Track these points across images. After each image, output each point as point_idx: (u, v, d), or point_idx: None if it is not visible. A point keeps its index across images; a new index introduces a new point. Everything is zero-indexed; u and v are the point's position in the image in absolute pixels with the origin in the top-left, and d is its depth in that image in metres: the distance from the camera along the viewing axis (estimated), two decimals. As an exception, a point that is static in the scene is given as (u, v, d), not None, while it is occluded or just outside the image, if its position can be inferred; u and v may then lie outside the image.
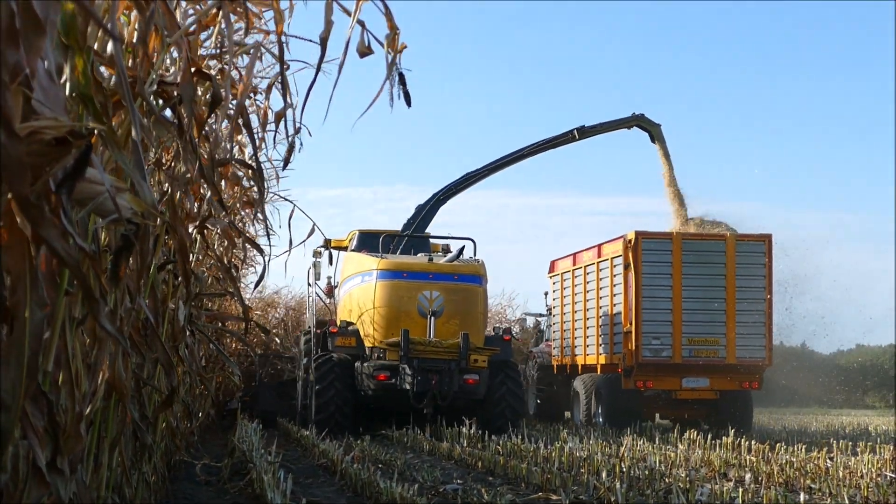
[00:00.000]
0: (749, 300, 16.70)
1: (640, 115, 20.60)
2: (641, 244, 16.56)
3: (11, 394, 2.00)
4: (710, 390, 16.81)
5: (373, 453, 10.27)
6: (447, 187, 19.80)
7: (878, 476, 8.55)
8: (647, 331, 16.49)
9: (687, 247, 16.70)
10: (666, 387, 16.87)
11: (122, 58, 2.40)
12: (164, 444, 6.26)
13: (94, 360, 2.77)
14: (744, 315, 16.67)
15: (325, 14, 3.08)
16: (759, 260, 16.85)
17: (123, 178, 2.57)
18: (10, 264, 1.99)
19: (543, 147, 20.41)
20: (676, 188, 20.06)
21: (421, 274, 14.73)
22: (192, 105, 2.91)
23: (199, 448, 9.89)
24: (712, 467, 9.41)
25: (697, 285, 16.66)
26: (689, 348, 16.59)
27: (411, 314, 14.49)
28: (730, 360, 16.61)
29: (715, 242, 16.94)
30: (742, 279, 16.71)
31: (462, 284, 14.83)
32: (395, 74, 3.44)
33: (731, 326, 16.65)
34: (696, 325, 16.60)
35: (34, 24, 1.76)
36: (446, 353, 13.96)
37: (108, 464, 3.62)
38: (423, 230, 18.68)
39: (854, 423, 22.18)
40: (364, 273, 15.17)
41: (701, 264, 16.66)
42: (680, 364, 16.53)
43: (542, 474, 7.98)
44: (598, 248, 18.20)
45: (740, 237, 17.11)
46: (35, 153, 1.86)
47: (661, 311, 16.57)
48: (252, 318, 10.08)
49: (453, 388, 13.88)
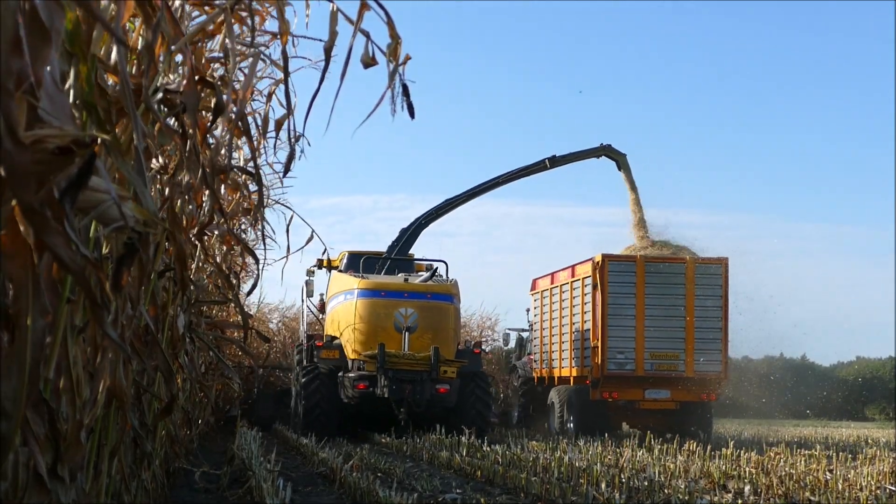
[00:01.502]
0: (707, 318, 18.21)
1: (608, 146, 21.86)
2: (608, 266, 18.09)
3: (13, 401, 2.00)
4: (670, 401, 18.23)
5: (372, 462, 10.25)
6: (429, 212, 21.04)
7: (877, 489, 8.54)
8: (613, 345, 17.95)
9: (650, 269, 18.16)
10: (630, 397, 18.22)
11: (126, 65, 2.40)
12: (163, 451, 6.25)
13: (96, 368, 2.77)
14: (702, 332, 18.15)
15: (330, 25, 3.08)
16: (716, 281, 18.28)
17: (126, 187, 2.58)
18: (12, 272, 1.99)
19: (517, 175, 21.66)
20: (641, 213, 21.33)
21: (397, 293, 16.26)
22: (195, 113, 2.92)
23: (199, 455, 9.86)
24: (711, 479, 9.38)
25: (659, 304, 18.10)
26: (651, 362, 18.02)
27: (388, 329, 15.94)
28: (688, 374, 18.01)
29: (676, 265, 18.37)
30: (700, 299, 18.22)
31: (434, 302, 16.33)
32: (399, 85, 3.43)
33: (689, 342, 18.11)
34: (658, 341, 18.07)
35: (40, 32, 1.76)
36: (419, 364, 15.39)
37: (107, 471, 3.62)
38: (407, 251, 20.08)
39: (854, 436, 22.16)
40: (347, 291, 16.67)
41: (662, 285, 18.15)
42: (643, 376, 18.01)
43: (542, 484, 7.97)
44: (573, 268, 19.56)
45: (699, 260, 18.53)
46: (39, 161, 1.86)
47: (625, 328, 18.01)
48: (252, 325, 10.07)
49: (426, 396, 15.30)
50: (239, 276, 10.21)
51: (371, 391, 15.44)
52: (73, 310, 2.57)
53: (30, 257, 1.97)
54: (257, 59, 4.05)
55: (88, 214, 2.11)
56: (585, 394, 18.39)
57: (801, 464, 10.76)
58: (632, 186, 21.57)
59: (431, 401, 15.42)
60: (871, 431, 27.29)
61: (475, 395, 16.21)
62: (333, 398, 16.03)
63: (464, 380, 16.01)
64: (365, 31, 3.24)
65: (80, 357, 2.71)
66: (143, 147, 2.48)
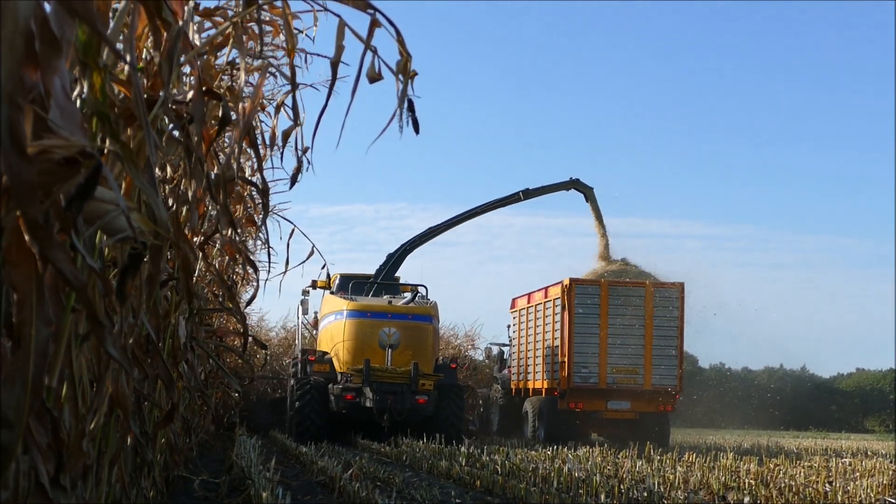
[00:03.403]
0: (664, 336, 20.05)
1: (576, 180, 23.88)
2: (575, 289, 20.01)
3: (15, 411, 2.00)
4: (630, 411, 20.03)
5: (371, 471, 10.24)
6: (412, 239, 22.74)
7: (876, 501, 8.53)
8: (578, 360, 19.81)
9: (612, 292, 20.04)
10: (594, 408, 20.02)
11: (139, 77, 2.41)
12: (162, 459, 6.25)
13: (99, 377, 2.77)
14: (659, 349, 20.00)
15: (337, 39, 3.09)
16: (673, 304, 20.13)
17: (132, 197, 2.58)
18: (16, 281, 1.99)
19: (493, 206, 23.65)
20: (606, 240, 23.34)
21: (382, 314, 18.27)
22: (202, 124, 2.93)
23: (198, 463, 9.85)
24: (711, 490, 9.37)
25: (621, 323, 19.91)
26: (613, 376, 19.86)
27: (373, 346, 17.90)
28: (647, 387, 19.86)
29: (636, 289, 20.22)
30: (658, 319, 20.01)
31: (415, 322, 18.34)
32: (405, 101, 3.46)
33: (648, 358, 19.94)
34: (619, 357, 19.90)
35: (51, 42, 1.77)
36: (400, 377, 17.30)
37: (107, 479, 3.62)
38: (393, 274, 21.83)
39: (853, 448, 22.13)
40: (337, 312, 18.72)
41: (624, 307, 19.96)
42: (605, 389, 19.82)
43: (541, 495, 7.95)
44: (546, 290, 21.41)
45: (658, 284, 20.44)
46: (44, 172, 1.86)
47: (590, 345, 19.87)
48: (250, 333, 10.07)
49: (406, 406, 17.13)
50: (238, 286, 10.22)
51: (357, 401, 17.28)
52: (78, 319, 2.58)
53: (34, 266, 1.98)
54: (266, 70, 4.06)
55: (94, 225, 2.11)
56: (554, 404, 20.09)
57: (800, 475, 10.74)
58: (597, 217, 23.56)
59: (411, 410, 17.21)
60: (870, 443, 27.24)
61: (450, 407, 17.86)
62: (324, 407, 17.68)
63: (441, 391, 17.71)
64: (373, 48, 3.26)
65: (84, 366, 2.71)
66: (155, 158, 2.48)
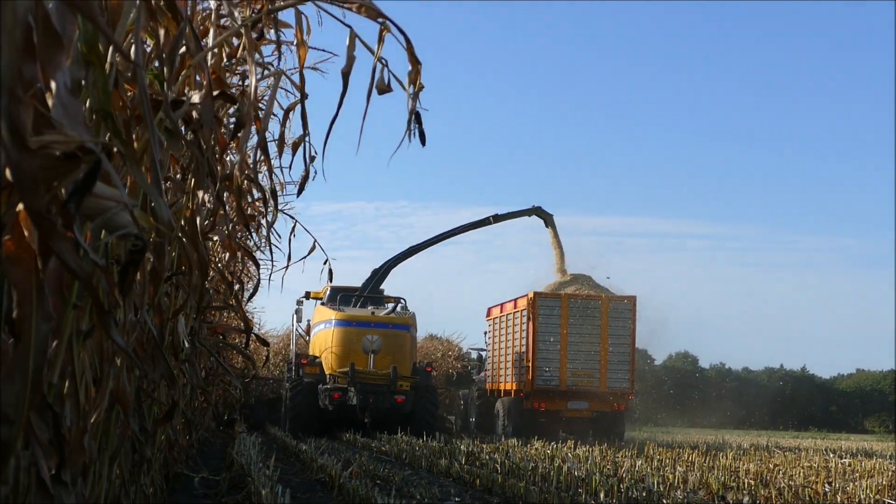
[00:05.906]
0: (618, 344, 22.57)
1: (538, 207, 26.49)
2: (538, 301, 22.57)
3: (15, 407, 1.99)
4: (588, 411, 22.51)
5: (370, 469, 10.24)
6: (395, 257, 25.03)
7: (875, 501, 8.52)
8: (541, 364, 22.32)
9: (572, 304, 22.69)
10: (556, 407, 22.48)
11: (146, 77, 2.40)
12: (162, 456, 6.24)
13: (101, 373, 2.76)
14: (613, 355, 22.50)
15: (348, 50, 3.10)
16: (626, 315, 22.77)
17: (135, 194, 2.57)
18: (16, 277, 1.98)
19: (467, 228, 26.19)
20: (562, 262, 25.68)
21: (366, 323, 20.89)
22: (211, 126, 2.93)
23: (198, 461, 9.85)
24: (710, 490, 9.37)
25: (579, 332, 22.49)
26: (572, 379, 22.36)
27: (358, 351, 20.42)
28: (602, 389, 22.39)
29: (593, 301, 22.82)
30: (613, 328, 22.58)
31: (395, 331, 20.93)
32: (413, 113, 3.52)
33: (603, 363, 22.48)
34: (578, 362, 22.44)
35: (53, 38, 1.76)
36: (381, 379, 19.93)
37: (107, 476, 3.61)
38: (379, 287, 24.12)
39: (853, 449, 22.13)
40: (326, 321, 21.35)
41: (582, 317, 22.57)
42: (565, 390, 22.31)
43: (541, 494, 7.94)
44: (515, 301, 23.89)
45: (613, 298, 23.00)
46: (45, 167, 1.85)
47: (551, 351, 22.38)
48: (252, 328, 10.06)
49: (386, 405, 19.78)
50: (241, 282, 10.21)
51: (343, 400, 19.83)
52: (80, 315, 2.57)
53: (34, 262, 1.97)
54: (279, 78, 4.06)
55: (94, 221, 2.10)
56: (520, 404, 22.56)
57: (800, 476, 10.74)
58: (556, 241, 26.05)
59: (391, 408, 19.80)
60: (870, 444, 27.23)
61: (425, 405, 20.27)
62: (314, 405, 20.32)
63: (417, 392, 20.26)
64: (384, 61, 3.30)
65: (86, 362, 2.71)
66: (160, 158, 2.48)
